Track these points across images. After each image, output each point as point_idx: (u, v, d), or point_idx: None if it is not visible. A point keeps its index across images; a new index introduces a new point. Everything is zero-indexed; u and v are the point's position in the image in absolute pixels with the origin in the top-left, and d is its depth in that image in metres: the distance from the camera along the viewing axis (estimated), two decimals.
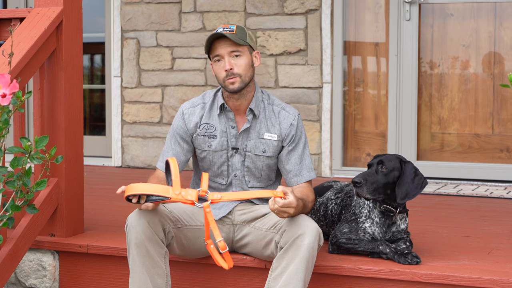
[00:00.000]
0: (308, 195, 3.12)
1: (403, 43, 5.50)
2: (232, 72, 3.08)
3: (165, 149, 3.25)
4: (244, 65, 3.10)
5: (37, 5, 3.58)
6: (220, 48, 3.09)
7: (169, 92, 6.07)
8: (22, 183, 2.76)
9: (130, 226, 2.95)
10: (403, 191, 3.13)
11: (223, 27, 3.10)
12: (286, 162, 3.19)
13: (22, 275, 3.61)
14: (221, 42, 3.09)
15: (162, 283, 2.97)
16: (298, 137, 3.20)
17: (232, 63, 3.09)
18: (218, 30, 3.10)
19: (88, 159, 5.79)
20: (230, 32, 3.07)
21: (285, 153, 3.19)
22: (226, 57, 3.09)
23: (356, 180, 3.11)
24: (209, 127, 3.21)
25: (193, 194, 2.83)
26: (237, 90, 3.10)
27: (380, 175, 3.14)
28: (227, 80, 3.10)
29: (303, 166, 3.19)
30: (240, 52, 3.10)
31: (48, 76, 3.56)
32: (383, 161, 3.16)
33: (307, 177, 3.19)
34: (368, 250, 3.16)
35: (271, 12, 5.75)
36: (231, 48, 3.09)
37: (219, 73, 3.12)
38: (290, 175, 3.19)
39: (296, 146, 3.20)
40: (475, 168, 5.41)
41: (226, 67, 3.08)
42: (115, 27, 6.20)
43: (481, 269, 3.03)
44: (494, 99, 5.42)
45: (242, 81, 3.10)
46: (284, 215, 2.88)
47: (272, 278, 2.90)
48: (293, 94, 5.71)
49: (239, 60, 3.10)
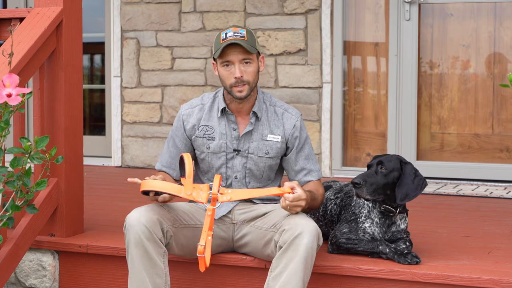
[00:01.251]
0: (317, 189, 3.17)
1: (403, 43, 5.50)
2: (242, 80, 3.08)
3: (164, 150, 3.28)
4: (253, 72, 3.11)
5: (37, 5, 3.57)
6: (231, 54, 3.08)
7: (169, 92, 6.08)
8: (22, 183, 2.75)
9: (128, 226, 2.95)
10: (403, 192, 3.12)
11: (234, 31, 3.09)
12: (295, 163, 3.22)
13: (22, 275, 3.61)
14: (233, 49, 3.07)
15: (161, 283, 2.97)
16: (304, 138, 3.23)
17: (242, 70, 3.09)
18: (228, 33, 3.08)
19: (88, 159, 5.79)
20: (242, 39, 3.06)
21: (294, 156, 3.22)
22: (236, 64, 3.08)
23: (355, 181, 3.11)
24: (208, 129, 3.21)
25: (203, 196, 2.89)
26: (244, 97, 3.12)
27: (380, 176, 3.13)
28: (235, 87, 3.10)
29: (311, 165, 3.24)
30: (250, 60, 3.10)
31: (48, 76, 3.56)
32: (383, 161, 3.16)
33: (316, 176, 3.24)
34: (368, 250, 3.16)
35: (271, 12, 5.75)
36: (243, 56, 3.08)
37: (227, 78, 3.11)
38: (299, 175, 3.23)
39: (302, 148, 3.23)
40: (475, 168, 5.41)
41: (236, 74, 3.08)
42: (115, 27, 6.21)
43: (481, 269, 3.03)
44: (494, 99, 5.42)
45: (250, 88, 3.11)
46: (297, 209, 2.93)
47: (272, 277, 2.90)
48: (293, 94, 5.71)
49: (248, 67, 3.10)
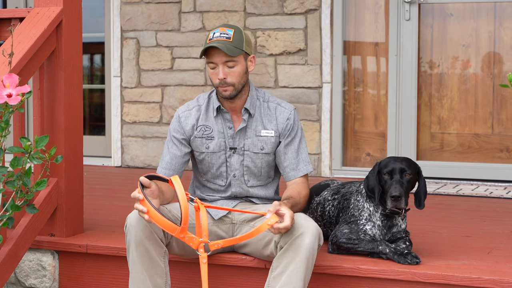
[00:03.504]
0: (299, 192, 3.14)
1: (402, 43, 5.50)
2: (225, 82, 3.10)
3: (164, 153, 3.27)
4: (238, 73, 3.12)
5: (37, 5, 3.57)
6: (214, 56, 3.09)
7: (168, 92, 6.07)
8: (22, 183, 2.75)
9: (129, 225, 2.95)
10: (423, 196, 3.15)
11: (221, 31, 3.09)
12: (283, 156, 3.21)
13: (22, 275, 3.61)
14: (216, 50, 3.08)
15: (162, 282, 2.97)
16: (295, 132, 3.22)
17: (226, 72, 3.10)
18: (215, 33, 3.10)
19: (88, 159, 5.79)
20: (227, 40, 3.06)
21: (282, 147, 3.21)
22: (220, 66, 3.10)
23: (397, 194, 3.06)
24: (206, 128, 3.21)
25: (195, 242, 2.84)
26: (230, 97, 3.13)
27: (407, 183, 3.13)
28: (220, 87, 3.12)
29: (300, 160, 3.21)
30: (234, 62, 3.10)
31: (48, 76, 3.55)
32: (405, 168, 3.13)
33: (304, 170, 3.21)
34: (368, 250, 3.16)
35: (270, 12, 5.75)
36: (226, 58, 3.09)
37: (213, 78, 3.14)
38: (287, 169, 3.21)
39: (292, 140, 3.21)
40: (475, 168, 5.41)
41: (220, 75, 3.09)
42: (115, 27, 6.20)
43: (481, 269, 3.03)
44: (493, 99, 5.42)
45: (235, 89, 3.12)
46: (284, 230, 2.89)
47: (272, 277, 2.90)
48: (292, 94, 5.71)
49: (232, 69, 3.11)
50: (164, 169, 3.24)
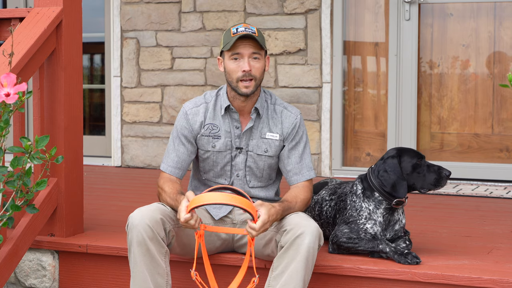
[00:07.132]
0: (296, 196, 3.12)
1: (402, 43, 5.50)
2: (250, 74, 3.08)
3: (169, 150, 3.23)
4: (261, 68, 3.11)
5: (37, 5, 3.57)
6: (242, 47, 3.08)
7: (168, 92, 6.07)
8: (22, 183, 2.75)
9: (131, 225, 2.95)
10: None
11: (245, 26, 3.09)
12: (287, 160, 3.20)
13: (22, 275, 3.61)
14: (245, 42, 3.07)
15: (163, 282, 2.97)
16: (299, 136, 3.21)
17: (251, 65, 3.09)
18: (239, 28, 3.09)
19: (88, 159, 5.78)
20: (253, 34, 3.07)
21: (286, 151, 3.20)
22: (246, 58, 3.08)
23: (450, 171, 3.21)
24: (213, 127, 3.20)
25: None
26: (249, 94, 3.11)
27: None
28: (242, 81, 3.09)
29: (303, 165, 3.19)
30: (259, 56, 3.10)
31: (48, 76, 3.55)
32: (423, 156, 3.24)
33: (307, 176, 3.19)
34: (368, 249, 3.16)
35: (270, 12, 5.75)
36: (253, 50, 3.08)
37: (234, 71, 3.10)
38: (290, 174, 3.20)
39: (296, 145, 3.21)
40: (475, 168, 5.41)
41: (245, 67, 3.07)
42: (115, 27, 6.20)
43: (481, 269, 3.03)
44: (494, 99, 5.42)
45: (256, 85, 3.11)
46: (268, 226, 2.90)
47: (273, 277, 2.91)
48: (292, 94, 5.71)
49: (257, 63, 3.10)
50: (172, 168, 3.20)
